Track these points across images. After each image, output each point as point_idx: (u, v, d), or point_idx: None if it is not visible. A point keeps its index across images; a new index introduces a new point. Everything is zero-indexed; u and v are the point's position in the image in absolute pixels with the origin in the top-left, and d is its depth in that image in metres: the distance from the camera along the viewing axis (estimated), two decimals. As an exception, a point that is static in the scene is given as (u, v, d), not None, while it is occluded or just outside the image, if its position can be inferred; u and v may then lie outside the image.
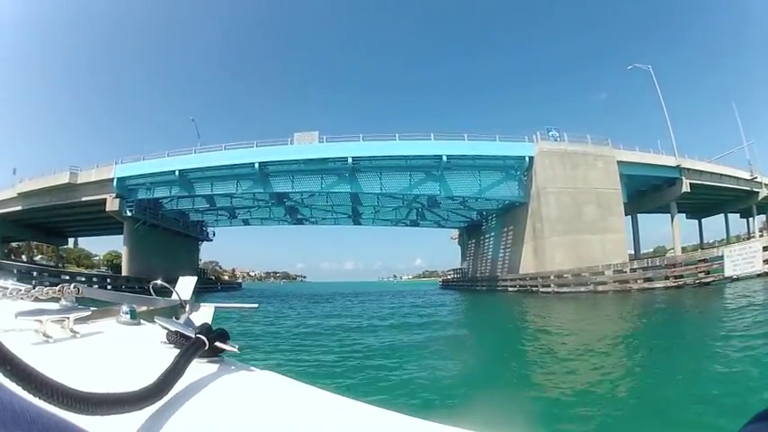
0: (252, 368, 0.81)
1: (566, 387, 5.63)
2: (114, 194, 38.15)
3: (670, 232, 41.82)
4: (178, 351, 0.70)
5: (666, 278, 23.17)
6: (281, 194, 36.81)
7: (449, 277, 66.51)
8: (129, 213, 38.44)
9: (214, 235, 54.76)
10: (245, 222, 49.89)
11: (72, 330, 0.99)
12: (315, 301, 28.05)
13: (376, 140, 31.78)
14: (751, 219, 49.85)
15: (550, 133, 35.07)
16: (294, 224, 49.02)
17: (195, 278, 1.61)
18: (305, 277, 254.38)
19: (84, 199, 39.27)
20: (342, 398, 0.67)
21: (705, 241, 57.97)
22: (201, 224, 52.05)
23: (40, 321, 0.93)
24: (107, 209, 38.41)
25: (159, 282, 1.47)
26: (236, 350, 0.81)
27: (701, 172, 39.31)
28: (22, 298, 1.40)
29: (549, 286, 28.60)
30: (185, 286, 1.46)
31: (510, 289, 33.12)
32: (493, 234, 41.57)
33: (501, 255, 38.90)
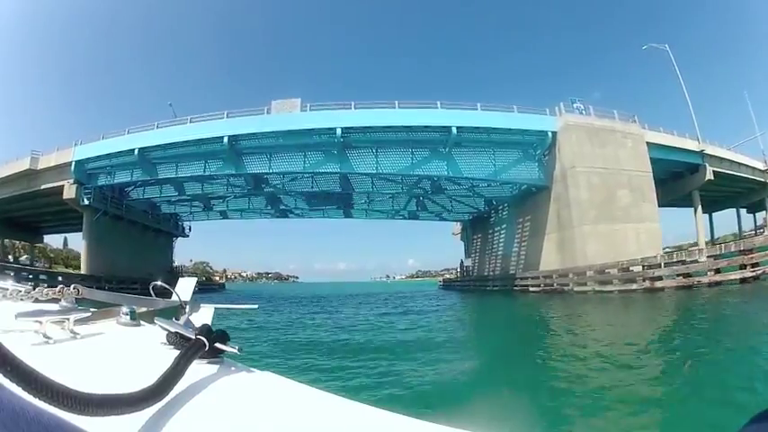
0: (252, 369, 0.80)
1: None
2: (72, 180, 32.96)
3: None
4: (178, 352, 0.70)
5: (743, 267, 17.92)
6: (257, 178, 31.11)
7: (450, 276, 61.01)
8: (86, 202, 32.87)
9: (190, 230, 49.06)
10: (223, 215, 44.11)
11: (72, 331, 0.99)
12: (300, 304, 23.22)
13: (371, 108, 26.43)
14: (758, 213, 48.72)
15: (575, 105, 29.97)
16: (278, 217, 43.32)
17: (195, 279, 1.63)
18: (297, 278, 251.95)
19: (43, 187, 34.22)
20: (341, 399, 0.67)
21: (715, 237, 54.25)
22: (176, 218, 46.31)
23: (40, 322, 0.92)
24: (64, 197, 33.23)
25: (159, 283, 1.47)
26: (236, 351, 0.80)
27: (722, 159, 35.39)
28: (22, 299, 1.34)
29: (584, 284, 23.31)
30: (185, 287, 1.45)
31: (532, 289, 27.76)
32: (504, 226, 36.20)
33: (515, 250, 33.55)
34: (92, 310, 1.18)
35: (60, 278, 33.72)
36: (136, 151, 29.65)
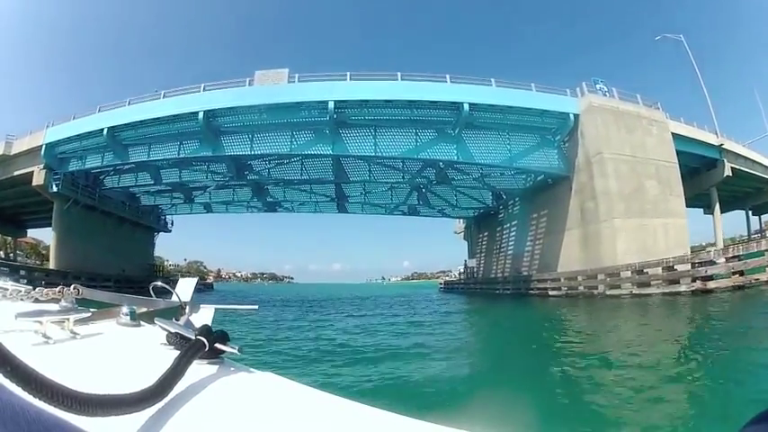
0: (252, 369, 0.80)
1: None
2: (42, 165, 29.74)
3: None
4: (178, 352, 0.70)
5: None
6: (239, 165, 27.45)
7: (452, 278, 57.41)
8: (54, 189, 29.55)
9: (172, 225, 45.28)
10: (207, 208, 40.31)
11: (72, 331, 0.98)
12: (287, 307, 20.52)
13: (369, 80, 22.84)
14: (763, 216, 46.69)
15: (598, 86, 26.67)
16: (266, 210, 39.51)
17: (195, 279, 1.63)
18: (292, 278, 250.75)
19: (16, 173, 31.14)
20: (341, 399, 0.67)
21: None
22: (157, 211, 42.67)
23: (40, 322, 0.92)
24: (33, 183, 29.97)
25: (159, 283, 1.49)
26: (236, 351, 0.80)
27: (737, 156, 32.74)
28: (22, 299, 1.34)
29: (618, 287, 19.87)
30: (185, 288, 1.47)
31: (552, 293, 24.24)
32: (515, 222, 32.69)
33: (528, 248, 30.07)
34: (92, 310, 1.17)
35: (23, 272, 30.65)
36: (105, 131, 26.21)
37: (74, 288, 1.16)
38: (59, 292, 1.16)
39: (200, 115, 22.50)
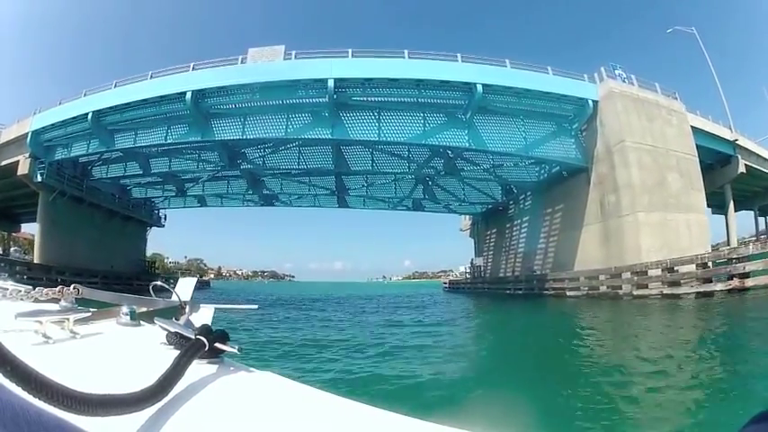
0: (252, 369, 0.79)
1: None
2: (28, 154, 28.01)
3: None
4: (178, 352, 0.70)
5: None
6: (231, 153, 25.48)
7: (456, 278, 55.45)
8: (39, 179, 27.76)
9: (165, 219, 43.36)
10: (201, 202, 38.29)
11: (72, 331, 0.97)
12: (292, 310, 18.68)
13: (373, 56, 20.84)
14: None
15: (617, 72, 24.84)
16: (262, 204, 37.41)
17: (195, 279, 1.62)
18: (293, 277, 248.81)
19: (3, 163, 29.41)
20: (342, 399, 0.66)
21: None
22: (150, 205, 40.80)
23: (40, 322, 0.91)
24: (18, 173, 28.27)
25: (159, 283, 1.49)
26: (236, 351, 0.79)
27: (750, 153, 31.38)
28: (21, 299, 1.35)
29: (645, 286, 18.00)
30: (185, 287, 1.46)
31: (570, 293, 22.36)
32: (527, 218, 30.77)
33: (541, 246, 28.14)
34: (92, 310, 1.16)
35: (1, 264, 29.00)
36: (89, 116, 24.39)
37: (74, 288, 1.15)
38: (59, 291, 1.15)
39: (188, 96, 20.55)
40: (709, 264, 16.93)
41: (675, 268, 17.29)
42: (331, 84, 19.36)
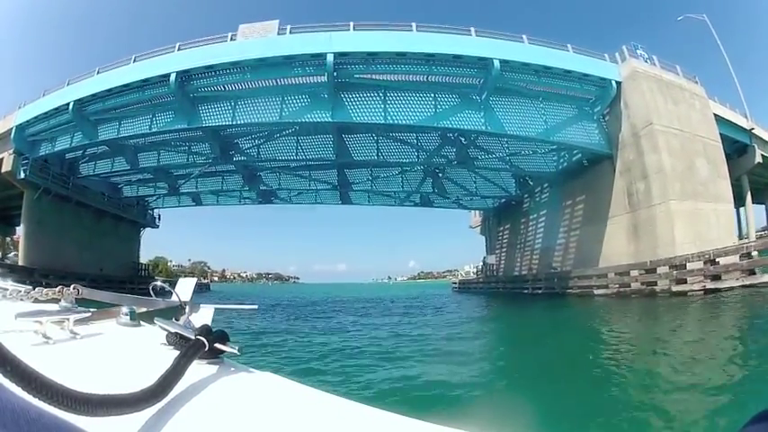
0: (252, 369, 0.80)
1: None
2: (12, 150, 26.41)
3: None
4: (178, 353, 0.70)
5: None
6: (223, 142, 23.31)
7: (465, 277, 53.36)
8: (22, 175, 26.04)
9: (159, 219, 41.45)
10: (195, 200, 36.40)
11: (72, 331, 0.97)
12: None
13: (377, 29, 18.75)
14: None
15: (639, 52, 22.95)
16: (261, 202, 35.22)
17: (195, 279, 1.55)
18: (298, 278, 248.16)
19: None
20: (341, 399, 0.67)
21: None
22: (143, 204, 38.90)
23: (40, 322, 0.91)
24: (2, 170, 26.66)
25: (159, 283, 1.45)
26: (236, 351, 0.79)
27: (765, 142, 29.73)
28: (21, 299, 1.35)
29: (684, 282, 15.98)
30: (185, 288, 1.42)
31: (597, 291, 20.28)
32: (544, 212, 28.66)
33: (561, 241, 26.05)
34: (92, 310, 1.15)
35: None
36: (71, 105, 22.59)
37: (74, 288, 1.14)
38: (59, 292, 1.14)
39: (172, 78, 18.55)
40: (754, 254, 15.07)
41: (718, 260, 15.31)
42: (330, 59, 17.26)
